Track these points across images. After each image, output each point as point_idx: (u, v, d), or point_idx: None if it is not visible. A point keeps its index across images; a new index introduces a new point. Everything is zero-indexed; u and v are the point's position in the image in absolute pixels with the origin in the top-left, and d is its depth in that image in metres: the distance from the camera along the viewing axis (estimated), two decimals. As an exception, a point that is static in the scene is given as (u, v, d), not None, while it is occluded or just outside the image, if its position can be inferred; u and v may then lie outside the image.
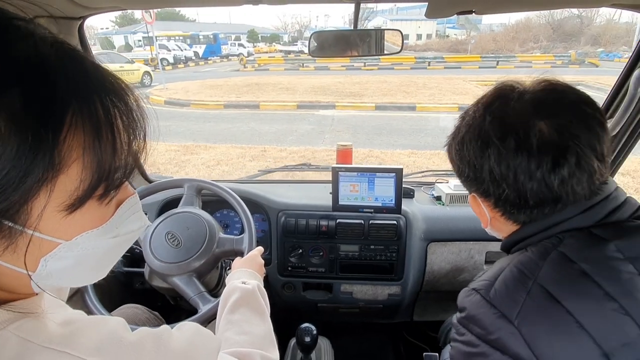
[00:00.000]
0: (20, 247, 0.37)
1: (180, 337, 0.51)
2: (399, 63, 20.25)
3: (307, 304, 1.53)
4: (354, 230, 1.40)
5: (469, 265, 1.42)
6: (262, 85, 13.43)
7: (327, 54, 1.32)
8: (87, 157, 0.37)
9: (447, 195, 1.48)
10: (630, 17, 29.65)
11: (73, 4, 0.97)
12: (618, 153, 1.33)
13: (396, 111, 9.47)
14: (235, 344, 0.70)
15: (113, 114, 0.39)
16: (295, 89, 12.53)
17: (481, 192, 0.68)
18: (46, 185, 0.35)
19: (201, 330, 0.57)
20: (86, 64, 0.39)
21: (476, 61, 21.60)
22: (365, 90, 12.06)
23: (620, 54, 23.55)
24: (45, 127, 0.34)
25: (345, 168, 1.37)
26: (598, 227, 0.60)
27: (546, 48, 28.46)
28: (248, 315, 0.79)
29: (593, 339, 0.51)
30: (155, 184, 1.26)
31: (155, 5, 1.09)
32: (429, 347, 1.66)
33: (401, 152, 5.70)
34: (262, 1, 0.99)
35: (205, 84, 13.84)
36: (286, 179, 1.89)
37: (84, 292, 1.06)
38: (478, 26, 44.49)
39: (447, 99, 10.33)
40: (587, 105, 0.61)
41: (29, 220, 0.36)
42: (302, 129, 7.78)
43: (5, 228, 0.35)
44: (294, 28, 57.50)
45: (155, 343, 0.46)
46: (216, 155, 5.76)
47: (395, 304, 1.50)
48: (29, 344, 0.37)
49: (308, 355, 1.20)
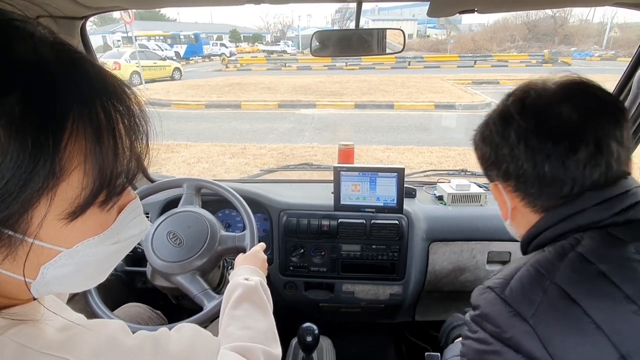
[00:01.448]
0: (20, 255, 0.36)
1: (179, 339, 0.51)
2: (380, 63, 20.52)
3: (308, 304, 1.52)
4: (356, 230, 1.39)
5: (471, 265, 1.42)
6: (243, 85, 13.42)
7: (329, 53, 1.32)
8: (88, 164, 0.36)
9: (449, 195, 1.47)
10: (602, 18, 30.72)
11: (74, 4, 0.95)
12: None
13: (375, 109, 9.66)
14: (237, 339, 0.70)
15: (115, 119, 0.38)
16: (276, 89, 12.59)
17: (502, 175, 0.69)
18: (47, 193, 0.34)
19: (200, 331, 0.56)
20: (87, 67, 0.37)
21: (455, 60, 22.03)
22: (345, 89, 12.19)
23: (591, 52, 24.42)
24: (45, 134, 0.32)
25: (347, 168, 1.36)
26: (616, 226, 0.59)
27: (522, 47, 29.13)
28: (250, 310, 0.79)
29: (611, 341, 0.50)
30: (157, 184, 1.24)
31: (156, 5, 1.06)
32: (431, 347, 1.66)
33: (376, 148, 5.93)
34: (264, 0, 0.99)
35: (186, 84, 13.76)
36: (288, 179, 1.88)
37: (87, 292, 1.05)
38: (458, 26, 45.16)
39: (424, 97, 10.57)
40: (610, 95, 0.64)
41: (29, 229, 0.35)
42: (282, 127, 7.94)
43: (5, 237, 0.34)
44: (276, 28, 57.33)
45: (154, 346, 0.46)
46: (197, 153, 5.87)
47: (397, 303, 1.48)
48: (27, 350, 0.37)
49: (310, 354, 1.19)
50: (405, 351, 1.77)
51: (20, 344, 0.36)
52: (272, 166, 5.08)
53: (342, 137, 6.81)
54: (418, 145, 6.15)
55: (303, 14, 72.96)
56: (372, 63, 20.23)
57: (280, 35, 54.51)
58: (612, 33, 26.74)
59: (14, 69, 0.32)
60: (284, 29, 56.16)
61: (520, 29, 32.24)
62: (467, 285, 1.46)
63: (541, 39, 30.76)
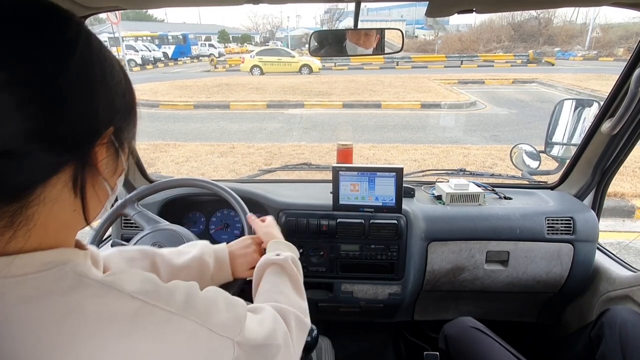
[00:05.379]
0: (117, 169, 0.49)
1: (206, 292, 0.53)
2: (368, 63, 20.68)
3: (307, 304, 1.58)
4: (355, 229, 1.38)
5: (470, 264, 1.42)
6: (232, 85, 13.40)
7: (327, 53, 1.32)
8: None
9: (448, 195, 1.47)
10: (585, 18, 31.35)
11: (72, 4, 0.94)
12: (618, 152, 1.35)
13: (362, 109, 9.80)
14: (270, 300, 0.71)
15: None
16: (265, 89, 12.62)
17: None
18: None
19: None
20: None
21: (442, 61, 22.31)
22: (333, 89, 12.28)
23: (575, 53, 24.94)
24: None
25: (345, 167, 1.35)
26: None
27: (508, 48, 29.54)
28: (285, 281, 0.79)
29: None
30: (156, 184, 1.23)
31: (156, 5, 1.05)
32: (430, 346, 1.68)
33: (363, 146, 6.05)
34: (263, 0, 0.99)
35: (174, 85, 13.67)
36: (286, 179, 1.87)
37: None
38: (445, 27, 45.59)
39: (411, 96, 10.73)
40: None
41: (123, 143, 0.48)
42: (271, 127, 8.03)
43: (114, 148, 0.47)
44: (265, 28, 57.23)
45: (187, 288, 0.50)
46: (185, 152, 5.90)
47: (396, 303, 1.48)
48: (84, 278, 0.43)
49: (309, 354, 1.18)
50: (404, 351, 1.76)
51: (78, 273, 0.43)
52: (261, 165, 5.18)
53: (329, 137, 6.91)
54: (404, 143, 6.28)
55: (292, 14, 72.80)
56: (361, 63, 20.38)
57: (270, 35, 54.44)
58: (595, 34, 27.32)
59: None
60: (273, 30, 56.09)
61: (505, 29, 32.70)
62: (465, 285, 1.47)
63: (526, 40, 31.23)
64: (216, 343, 0.48)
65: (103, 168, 0.46)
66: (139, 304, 0.43)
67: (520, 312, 1.65)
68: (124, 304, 0.42)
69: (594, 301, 1.42)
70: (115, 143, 0.47)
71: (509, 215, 1.40)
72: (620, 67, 1.19)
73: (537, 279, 1.43)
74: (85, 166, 0.43)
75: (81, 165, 0.43)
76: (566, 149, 1.57)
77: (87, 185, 0.44)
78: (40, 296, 0.39)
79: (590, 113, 1.49)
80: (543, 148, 1.63)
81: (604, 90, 8.97)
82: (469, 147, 6.02)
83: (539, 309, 1.63)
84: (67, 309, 0.39)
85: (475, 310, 1.64)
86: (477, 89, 12.68)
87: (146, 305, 0.43)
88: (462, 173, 1.68)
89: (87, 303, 0.41)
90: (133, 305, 0.43)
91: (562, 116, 1.58)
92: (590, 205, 1.52)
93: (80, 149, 0.42)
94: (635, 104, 1.11)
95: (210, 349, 0.47)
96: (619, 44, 24.44)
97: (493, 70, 18.31)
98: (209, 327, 0.47)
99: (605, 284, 1.38)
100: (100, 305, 0.41)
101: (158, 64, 24.01)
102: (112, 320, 0.41)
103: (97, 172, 0.45)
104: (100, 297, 0.42)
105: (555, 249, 1.38)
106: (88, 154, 0.43)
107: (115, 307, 0.42)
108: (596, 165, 1.42)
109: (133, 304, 0.43)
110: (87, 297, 0.41)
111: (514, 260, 1.40)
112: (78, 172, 0.43)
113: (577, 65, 20.24)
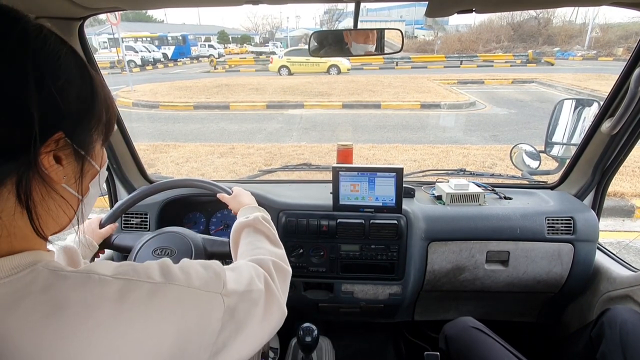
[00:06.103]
0: (83, 173, 0.48)
1: (183, 261, 0.56)
2: (368, 63, 20.69)
3: (308, 304, 1.51)
4: (355, 229, 1.38)
5: (470, 264, 1.42)
6: (232, 86, 13.40)
7: (327, 53, 1.32)
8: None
9: (448, 195, 1.47)
10: (584, 18, 31.36)
11: (72, 5, 0.94)
12: (618, 152, 1.35)
13: (362, 109, 9.78)
14: (249, 257, 0.74)
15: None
16: (264, 90, 12.62)
17: None
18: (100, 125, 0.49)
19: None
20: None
21: (441, 61, 22.33)
22: (333, 90, 12.27)
23: (574, 52, 24.95)
24: None
25: (345, 168, 1.35)
26: None
27: (507, 48, 29.56)
28: (258, 237, 0.84)
29: None
30: (156, 185, 1.22)
31: (156, 6, 1.06)
32: (430, 347, 1.69)
33: (362, 146, 6.06)
34: (263, 1, 0.99)
35: (174, 86, 13.66)
36: (287, 179, 1.87)
37: None
38: (445, 27, 45.60)
39: (410, 97, 10.72)
40: None
41: (90, 150, 0.48)
42: (270, 127, 8.03)
43: (76, 156, 0.46)
44: (265, 29, 57.26)
45: (162, 264, 0.51)
46: (185, 153, 5.90)
47: (396, 303, 1.48)
48: (59, 272, 0.43)
49: (309, 354, 1.19)
50: (405, 351, 1.76)
51: (51, 269, 0.42)
52: (261, 165, 5.18)
53: (329, 137, 6.91)
54: (404, 143, 6.28)
55: (292, 15, 72.92)
56: (361, 64, 20.38)
57: (269, 36, 54.47)
58: (594, 33, 27.33)
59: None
60: (272, 30, 56.11)
61: (505, 30, 32.71)
62: (465, 285, 1.47)
63: (526, 40, 31.24)
64: (204, 299, 0.51)
65: (59, 174, 0.44)
66: (121, 282, 0.44)
67: (521, 312, 1.65)
68: (106, 286, 0.43)
69: (594, 301, 1.42)
70: (73, 146, 0.45)
71: (509, 215, 1.40)
72: (619, 67, 1.19)
73: (537, 278, 1.43)
74: (28, 174, 0.41)
75: (24, 174, 0.40)
76: (566, 149, 1.57)
77: (33, 194, 0.42)
78: (21, 298, 0.39)
79: (590, 113, 1.49)
80: (543, 148, 1.63)
81: (604, 90, 8.99)
82: (468, 147, 6.03)
83: (539, 308, 1.63)
84: (51, 305, 0.39)
85: (476, 310, 1.64)
86: (476, 89, 12.68)
87: (129, 282, 0.45)
88: (462, 173, 1.68)
89: (69, 294, 0.41)
90: (116, 285, 0.44)
91: (562, 116, 1.58)
92: (590, 205, 1.52)
93: (18, 157, 0.39)
94: (635, 103, 1.11)
95: (200, 306, 0.50)
96: (618, 44, 24.44)
97: (492, 70, 18.33)
98: (193, 287, 0.50)
99: (606, 283, 1.38)
100: (83, 292, 0.42)
101: (158, 65, 23.97)
102: (99, 304, 0.41)
103: (49, 179, 0.43)
104: (82, 285, 0.42)
105: (555, 249, 1.38)
106: (30, 161, 0.40)
107: (99, 291, 0.42)
108: (596, 165, 1.42)
109: (116, 284, 0.44)
110: (68, 289, 0.41)
111: (514, 260, 1.40)
112: (22, 180, 0.40)
113: (576, 65, 20.26)
